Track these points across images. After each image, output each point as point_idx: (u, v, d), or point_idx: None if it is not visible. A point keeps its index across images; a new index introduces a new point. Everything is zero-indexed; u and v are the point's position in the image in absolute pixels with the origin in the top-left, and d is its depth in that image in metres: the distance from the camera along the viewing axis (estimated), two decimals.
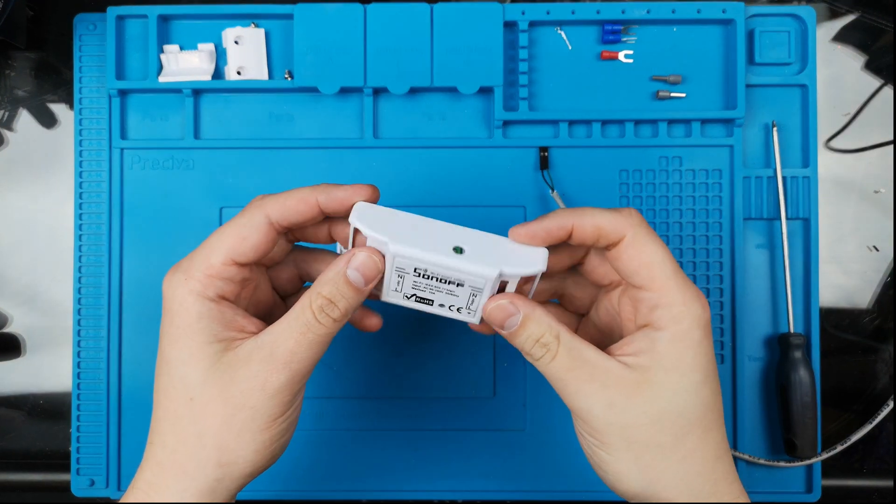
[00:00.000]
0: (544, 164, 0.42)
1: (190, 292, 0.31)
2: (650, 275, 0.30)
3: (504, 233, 0.32)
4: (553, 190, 0.39)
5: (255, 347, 0.31)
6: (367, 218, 0.30)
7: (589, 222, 0.31)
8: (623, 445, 0.30)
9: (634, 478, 0.30)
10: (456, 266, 0.30)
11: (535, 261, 0.31)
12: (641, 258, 0.30)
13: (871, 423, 0.45)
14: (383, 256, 0.30)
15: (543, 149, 0.42)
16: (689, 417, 0.30)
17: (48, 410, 0.48)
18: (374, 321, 0.36)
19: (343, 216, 0.32)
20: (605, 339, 0.34)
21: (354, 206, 0.31)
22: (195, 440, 0.30)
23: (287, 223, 0.32)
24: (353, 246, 0.32)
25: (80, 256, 0.46)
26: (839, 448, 0.45)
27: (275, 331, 0.31)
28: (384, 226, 0.30)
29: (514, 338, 0.32)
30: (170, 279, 0.31)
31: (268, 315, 0.35)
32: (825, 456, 0.45)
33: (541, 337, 0.31)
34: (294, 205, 0.32)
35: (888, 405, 0.46)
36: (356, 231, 0.31)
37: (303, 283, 0.37)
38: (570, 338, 0.31)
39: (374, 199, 0.32)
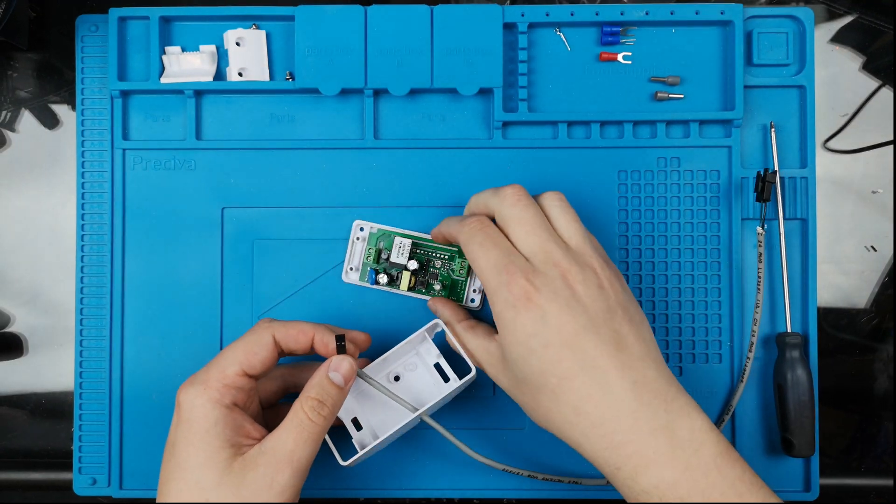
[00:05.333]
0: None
1: (209, 400, 0.35)
2: (478, 277, 0.38)
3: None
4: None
5: (259, 453, 0.35)
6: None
7: (444, 230, 0.41)
8: (518, 402, 0.38)
9: (538, 419, 0.37)
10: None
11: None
12: (471, 264, 0.38)
13: None
14: (355, 361, 0.39)
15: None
16: (532, 382, 0.36)
17: (50, 409, 0.48)
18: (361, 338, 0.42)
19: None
20: None
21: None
22: None
23: (286, 348, 0.38)
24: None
25: (82, 257, 0.46)
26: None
27: (275, 436, 0.36)
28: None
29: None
30: (187, 389, 0.36)
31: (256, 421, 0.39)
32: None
33: (448, 331, 0.41)
34: (295, 335, 0.38)
35: None
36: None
37: (284, 395, 0.42)
38: (461, 330, 0.41)
39: (365, 348, 0.41)
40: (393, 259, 0.43)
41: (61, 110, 0.49)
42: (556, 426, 0.36)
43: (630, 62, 0.46)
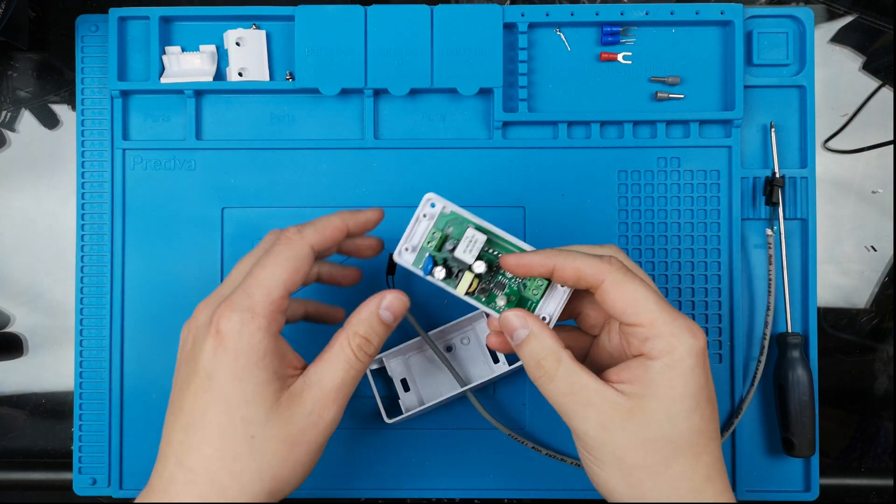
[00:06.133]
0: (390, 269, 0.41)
1: (258, 329, 0.32)
2: (636, 311, 0.32)
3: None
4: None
5: (305, 386, 0.33)
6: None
7: (570, 265, 0.33)
8: (614, 463, 0.32)
9: (623, 493, 0.33)
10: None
11: None
12: (624, 298, 0.32)
13: None
14: (408, 296, 0.36)
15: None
16: (679, 443, 0.32)
17: (50, 409, 0.48)
18: (352, 275, 0.41)
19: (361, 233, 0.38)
20: (613, 361, 0.35)
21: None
22: (254, 475, 0.32)
23: (324, 249, 0.36)
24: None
25: (82, 256, 0.46)
26: None
27: (320, 370, 0.34)
28: None
29: (519, 351, 0.34)
30: (230, 317, 0.32)
31: None
32: None
33: (542, 358, 0.33)
34: (331, 234, 0.35)
35: None
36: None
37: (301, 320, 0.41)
38: (571, 364, 0.33)
39: (381, 218, 0.38)
40: (458, 254, 0.35)
41: (61, 110, 0.49)
42: (657, 499, 0.32)
43: (630, 62, 0.46)
